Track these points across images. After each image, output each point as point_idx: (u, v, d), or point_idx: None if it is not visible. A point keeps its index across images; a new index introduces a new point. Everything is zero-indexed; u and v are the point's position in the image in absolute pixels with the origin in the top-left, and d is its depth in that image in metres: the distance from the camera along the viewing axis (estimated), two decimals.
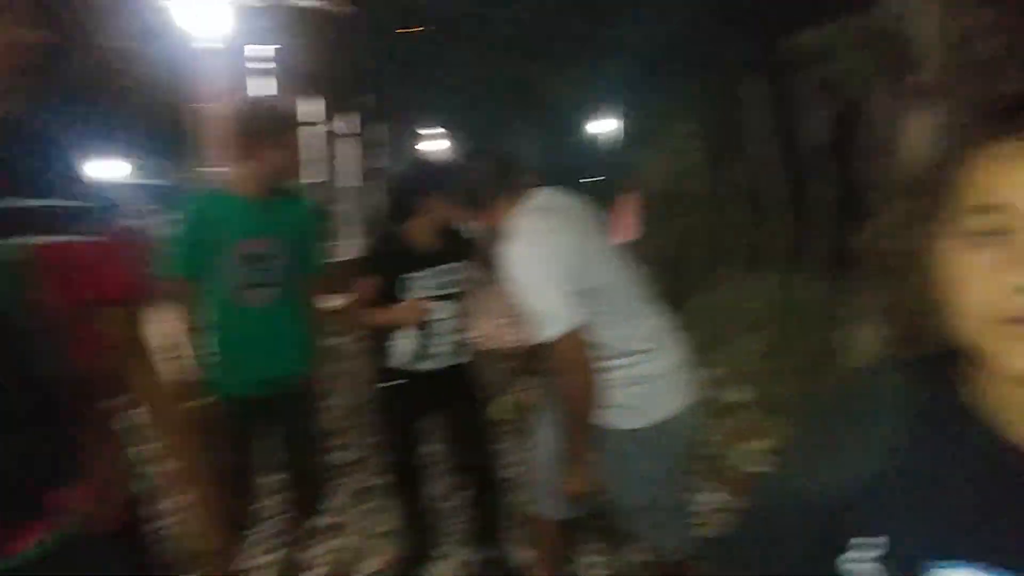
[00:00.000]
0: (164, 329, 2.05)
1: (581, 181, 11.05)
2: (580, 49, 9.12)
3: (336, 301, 2.34)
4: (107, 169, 9.54)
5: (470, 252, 2.31)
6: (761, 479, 0.76)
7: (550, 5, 8.09)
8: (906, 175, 1.98)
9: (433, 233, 2.20)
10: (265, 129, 1.93)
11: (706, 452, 3.06)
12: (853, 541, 0.60)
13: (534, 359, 2.12)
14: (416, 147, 14.48)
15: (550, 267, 1.56)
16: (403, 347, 2.21)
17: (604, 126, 12.81)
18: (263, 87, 6.54)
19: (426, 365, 2.22)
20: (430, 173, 2.20)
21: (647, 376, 1.66)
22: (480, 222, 1.88)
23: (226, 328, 2.00)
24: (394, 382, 2.23)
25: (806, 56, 3.00)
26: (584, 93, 11.05)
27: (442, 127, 14.80)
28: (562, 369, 1.57)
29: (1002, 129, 0.53)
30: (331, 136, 8.68)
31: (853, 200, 2.58)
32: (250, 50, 6.44)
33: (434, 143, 14.99)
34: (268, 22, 6.30)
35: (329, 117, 8.39)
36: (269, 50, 6.60)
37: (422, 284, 2.17)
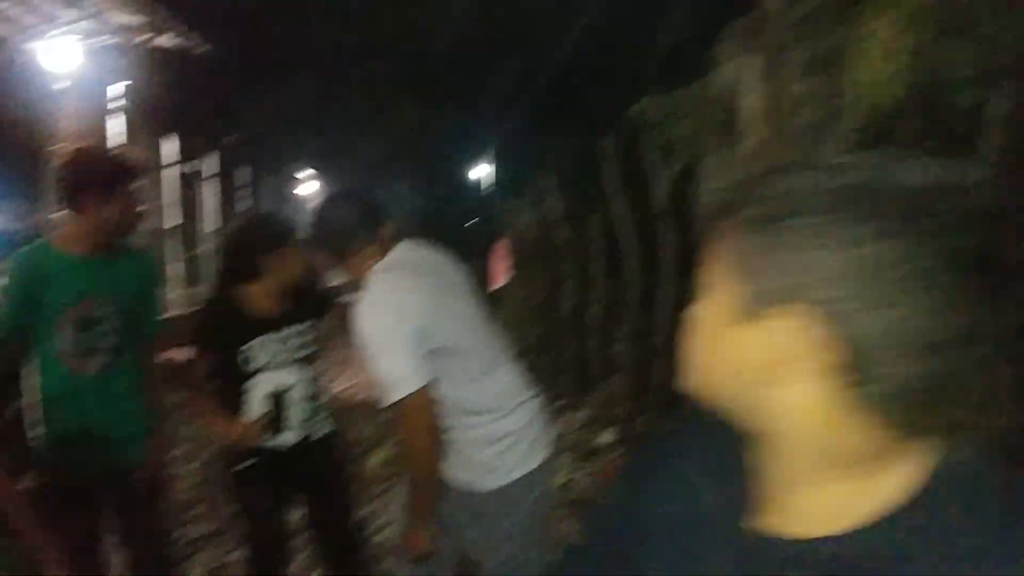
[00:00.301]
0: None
1: (464, 225, 11.18)
2: (458, 95, 9.33)
3: (183, 354, 2.14)
4: None
5: (323, 309, 2.17)
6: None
7: (426, 50, 8.24)
8: None
9: (277, 294, 2.00)
10: (95, 182, 1.77)
11: (573, 496, 3.12)
12: None
13: None
14: (285, 190, 14.04)
15: (399, 326, 1.52)
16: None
17: (485, 172, 13.10)
18: (117, 127, 6.14)
19: (281, 440, 1.99)
20: (269, 230, 1.99)
21: (506, 434, 1.66)
22: (341, 272, 1.78)
23: (56, 398, 1.82)
24: (247, 462, 1.98)
25: (649, 119, 3.26)
26: (462, 138, 11.26)
27: (314, 169, 14.40)
28: (406, 429, 1.54)
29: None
30: (191, 178, 8.24)
31: (688, 258, 2.79)
32: (103, 89, 6.04)
33: (305, 186, 14.58)
34: (122, 61, 5.95)
35: (189, 158, 7.97)
36: (122, 89, 6.22)
37: (266, 352, 1.97)
